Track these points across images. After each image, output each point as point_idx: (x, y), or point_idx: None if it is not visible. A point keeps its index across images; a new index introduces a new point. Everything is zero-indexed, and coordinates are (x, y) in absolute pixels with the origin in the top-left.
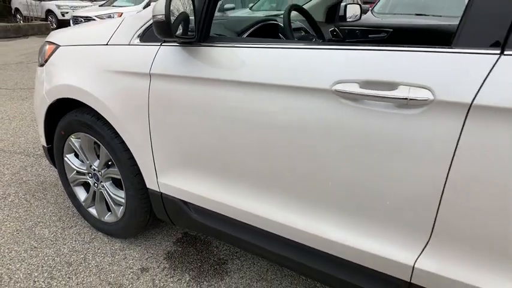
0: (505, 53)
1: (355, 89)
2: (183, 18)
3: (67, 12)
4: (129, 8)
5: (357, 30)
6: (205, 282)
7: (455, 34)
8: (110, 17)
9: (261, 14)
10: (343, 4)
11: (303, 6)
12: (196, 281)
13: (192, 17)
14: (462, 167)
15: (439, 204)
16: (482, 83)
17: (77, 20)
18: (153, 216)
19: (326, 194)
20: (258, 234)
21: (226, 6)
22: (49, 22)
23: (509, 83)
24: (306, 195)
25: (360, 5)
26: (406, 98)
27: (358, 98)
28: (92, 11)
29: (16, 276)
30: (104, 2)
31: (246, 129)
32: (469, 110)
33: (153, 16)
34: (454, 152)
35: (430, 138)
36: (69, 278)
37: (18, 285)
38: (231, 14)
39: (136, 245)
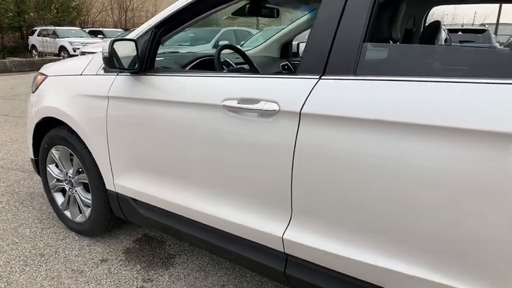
0: (322, 78)
1: (234, 104)
2: (129, 54)
3: (78, 48)
4: None
5: None
6: (152, 271)
7: (298, 65)
8: None
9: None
10: (296, 43)
11: (259, 44)
12: (145, 270)
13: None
14: (300, 159)
15: (291, 187)
16: (306, 98)
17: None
18: (114, 216)
19: (226, 185)
20: (188, 223)
21: (221, 42)
22: (61, 57)
23: (321, 98)
24: (213, 186)
25: None
26: (261, 109)
27: (238, 110)
28: (98, 47)
29: None
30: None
31: (175, 138)
32: (300, 117)
33: (102, 53)
34: (294, 147)
35: (280, 138)
36: (40, 265)
37: None
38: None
39: (102, 242)
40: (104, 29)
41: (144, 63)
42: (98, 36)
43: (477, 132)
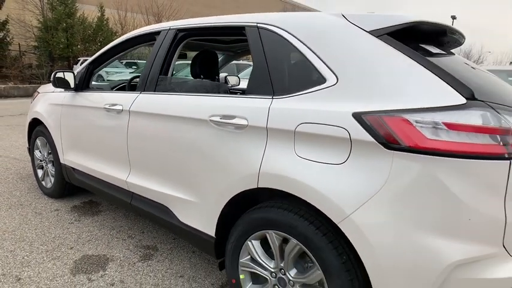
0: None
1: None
2: (66, 79)
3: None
4: None
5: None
6: (82, 217)
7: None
8: None
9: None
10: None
11: None
12: (79, 215)
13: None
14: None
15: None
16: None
17: None
18: (67, 183)
19: (111, 155)
20: (109, 186)
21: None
22: None
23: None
24: (107, 157)
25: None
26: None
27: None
28: (122, 75)
29: None
30: None
31: (96, 128)
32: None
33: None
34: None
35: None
36: (18, 209)
37: None
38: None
39: (60, 201)
40: (139, 61)
41: (80, 85)
42: (132, 67)
43: (188, 118)
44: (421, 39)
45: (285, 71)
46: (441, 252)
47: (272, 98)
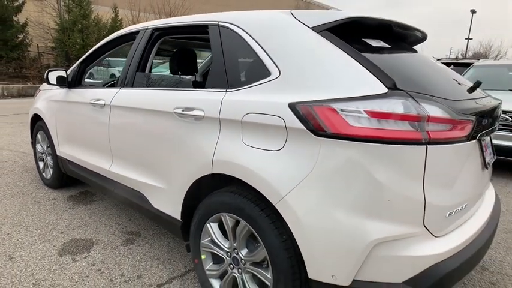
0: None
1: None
2: (61, 77)
3: None
4: None
5: None
6: (76, 205)
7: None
8: None
9: None
10: None
11: None
12: (73, 204)
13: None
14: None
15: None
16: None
17: None
18: (64, 174)
19: (100, 148)
20: (96, 176)
21: None
22: None
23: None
24: (97, 150)
25: None
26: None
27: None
28: None
29: None
30: None
31: (84, 122)
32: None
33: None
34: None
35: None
36: (19, 197)
37: None
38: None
39: (58, 191)
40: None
41: (73, 82)
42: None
43: (157, 111)
44: (367, 34)
45: (239, 66)
46: (364, 231)
47: (226, 91)
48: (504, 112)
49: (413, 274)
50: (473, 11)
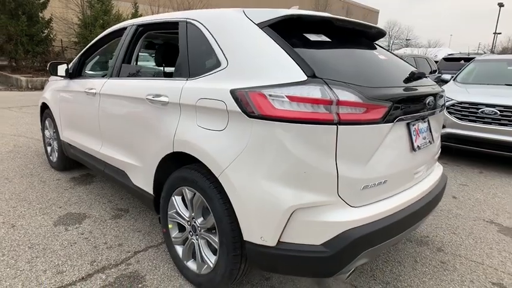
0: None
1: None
2: (63, 68)
3: None
4: None
5: None
6: (77, 186)
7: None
8: None
9: None
10: None
11: None
12: (74, 184)
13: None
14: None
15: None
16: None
17: None
18: (68, 158)
19: (95, 133)
20: (91, 157)
21: None
22: None
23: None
24: (92, 135)
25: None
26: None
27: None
28: None
29: None
30: None
31: (81, 109)
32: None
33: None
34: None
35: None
36: (28, 178)
37: None
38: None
39: (62, 173)
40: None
41: (73, 73)
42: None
43: (134, 98)
44: (310, 30)
45: (198, 57)
46: (283, 198)
47: (187, 80)
48: (493, 106)
49: (330, 237)
50: (500, 5)
